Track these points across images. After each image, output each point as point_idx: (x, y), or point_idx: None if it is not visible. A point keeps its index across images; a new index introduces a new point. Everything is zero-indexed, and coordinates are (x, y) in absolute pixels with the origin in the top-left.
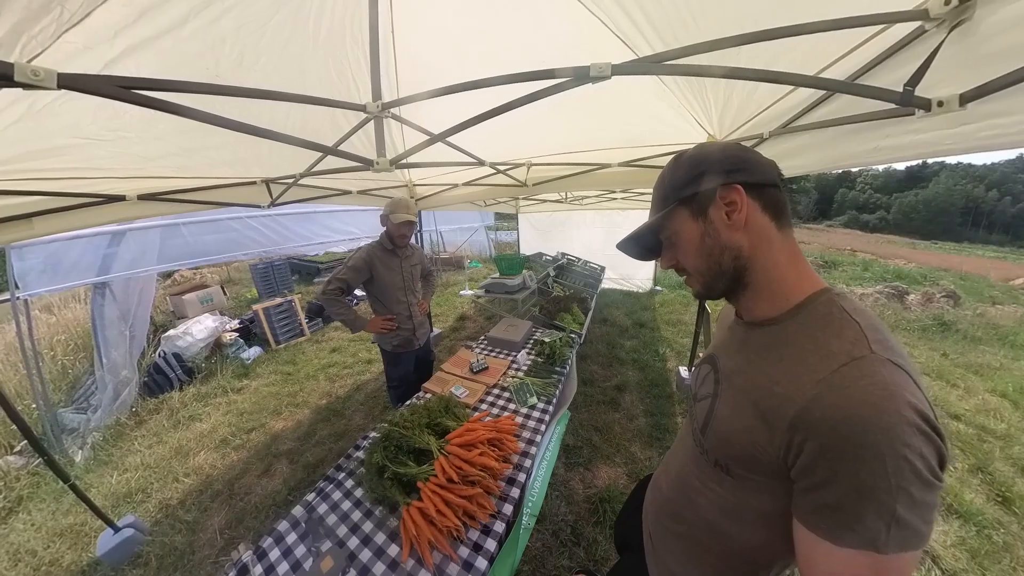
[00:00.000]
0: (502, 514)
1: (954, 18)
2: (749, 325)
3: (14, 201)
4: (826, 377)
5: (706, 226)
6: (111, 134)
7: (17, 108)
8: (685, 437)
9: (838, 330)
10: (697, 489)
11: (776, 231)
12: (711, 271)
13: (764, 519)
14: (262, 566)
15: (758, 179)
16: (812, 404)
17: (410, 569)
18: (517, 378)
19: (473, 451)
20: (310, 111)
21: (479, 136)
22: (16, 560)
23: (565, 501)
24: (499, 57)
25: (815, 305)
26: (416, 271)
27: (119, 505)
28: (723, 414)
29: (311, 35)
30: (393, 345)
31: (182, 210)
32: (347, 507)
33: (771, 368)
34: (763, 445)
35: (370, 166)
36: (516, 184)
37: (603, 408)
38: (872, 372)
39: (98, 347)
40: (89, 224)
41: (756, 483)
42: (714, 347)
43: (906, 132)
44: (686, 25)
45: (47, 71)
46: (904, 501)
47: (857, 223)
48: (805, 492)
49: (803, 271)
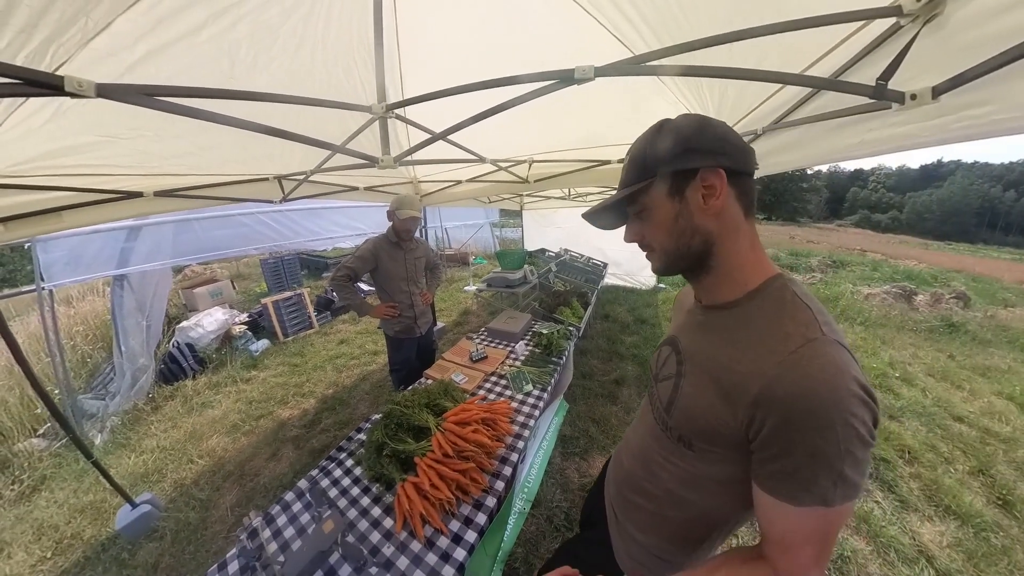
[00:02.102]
0: (494, 490)
1: (927, 13)
2: (708, 308)
3: (46, 196)
4: (785, 358)
5: (681, 206)
6: (131, 132)
7: (48, 109)
8: (645, 415)
9: (792, 313)
10: (659, 463)
11: (743, 220)
12: (677, 251)
13: (722, 486)
14: (270, 530)
15: (740, 167)
16: (774, 383)
17: (403, 539)
18: (514, 367)
19: (467, 428)
20: (319, 112)
21: (481, 134)
22: (40, 534)
23: (560, 488)
24: (498, 57)
25: (770, 290)
26: (420, 264)
27: (136, 484)
28: (687, 392)
29: (320, 40)
30: (395, 331)
31: (196, 206)
32: (347, 483)
33: (732, 348)
34: (726, 420)
35: (375, 163)
36: (518, 181)
37: (601, 401)
38: (823, 352)
39: (117, 336)
40: (110, 218)
41: (716, 455)
42: (675, 329)
43: (886, 125)
44: (678, 23)
45: (88, 83)
46: (849, 462)
47: (869, 223)
48: (765, 462)
49: (760, 258)
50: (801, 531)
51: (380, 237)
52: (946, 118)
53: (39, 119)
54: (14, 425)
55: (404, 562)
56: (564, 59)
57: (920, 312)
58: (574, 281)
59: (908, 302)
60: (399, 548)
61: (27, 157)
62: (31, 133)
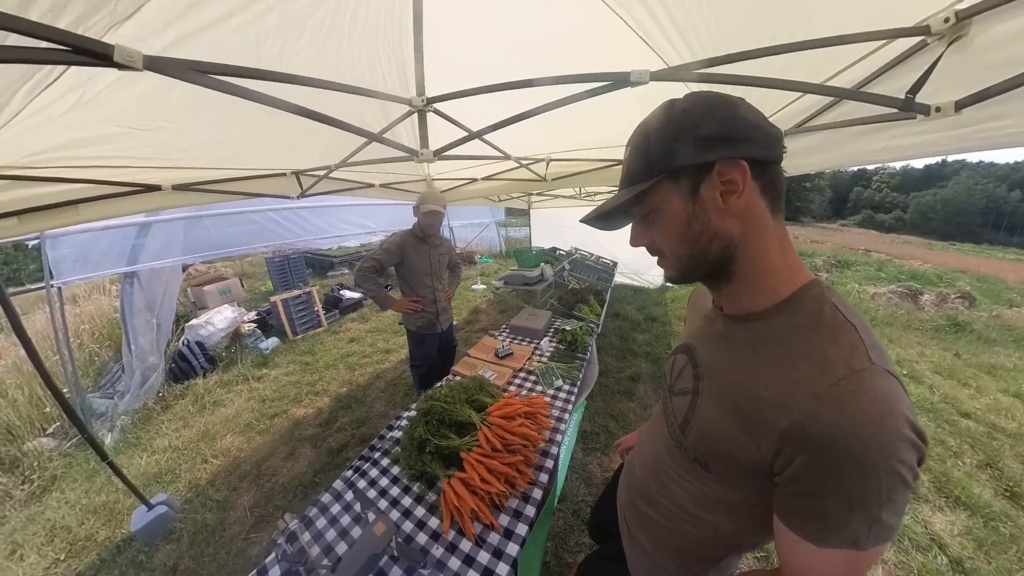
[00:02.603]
0: (539, 482)
1: (952, 34)
2: (730, 318)
3: (62, 188)
4: (824, 391)
5: (695, 208)
6: (151, 123)
7: (71, 97)
8: (659, 425)
9: (833, 334)
10: (674, 480)
11: (771, 217)
12: (693, 259)
13: (741, 509)
14: (310, 533)
15: (765, 154)
16: (808, 419)
17: (451, 539)
18: (542, 363)
19: (513, 422)
20: (342, 106)
21: (505, 131)
22: (52, 536)
23: (584, 483)
24: (524, 57)
25: (804, 300)
26: (444, 260)
27: (150, 485)
28: (706, 414)
29: (346, 33)
30: (417, 326)
31: (213, 200)
32: (385, 483)
33: (758, 370)
34: (747, 449)
35: (415, 156)
36: (536, 179)
37: (618, 397)
38: (872, 386)
39: (127, 334)
40: (128, 212)
41: (735, 478)
42: (690, 336)
43: (910, 134)
44: (710, 32)
45: (136, 53)
46: (889, 508)
47: (872, 223)
48: (791, 497)
49: (792, 262)
50: (825, 570)
51: (407, 232)
52: (966, 129)
53: (59, 108)
54: (23, 424)
55: (456, 563)
56: (590, 62)
57: (926, 311)
58: (588, 279)
59: (914, 302)
60: (449, 549)
61: (44, 147)
62: (49, 122)
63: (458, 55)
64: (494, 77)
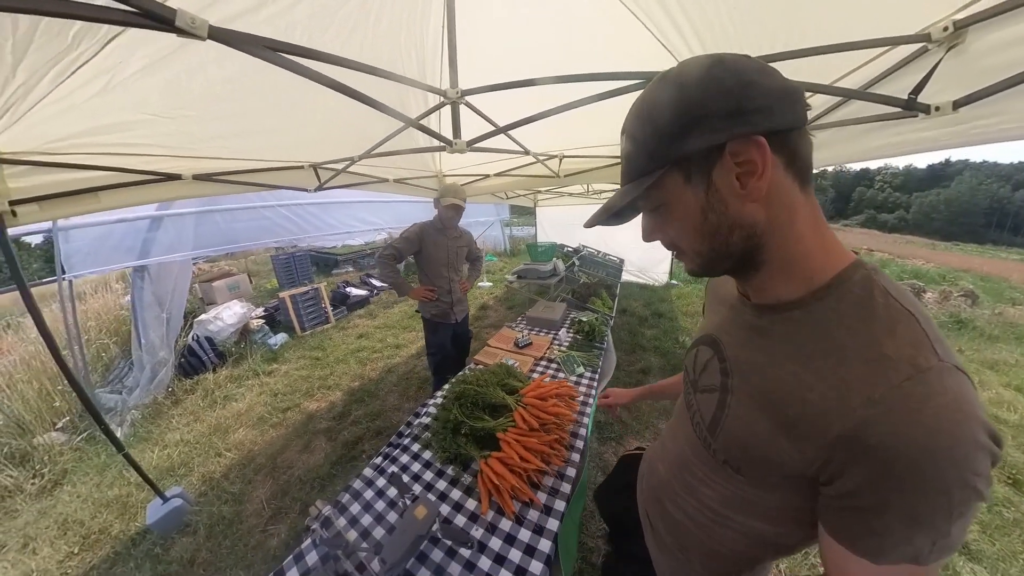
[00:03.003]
0: (572, 461)
1: (951, 41)
2: (761, 308)
3: (84, 175)
4: (885, 395)
5: (708, 197)
6: (174, 112)
7: (97, 83)
8: (683, 423)
9: (889, 325)
10: (701, 480)
11: (800, 193)
12: (714, 253)
13: (778, 512)
14: (344, 519)
15: (785, 122)
16: (866, 427)
17: (491, 519)
18: (562, 351)
19: (547, 402)
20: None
21: (523, 128)
22: (64, 529)
23: (601, 472)
24: (544, 57)
25: (849, 285)
26: (462, 252)
27: (163, 478)
28: (738, 414)
29: (371, 27)
30: (432, 314)
31: (231, 191)
32: (417, 468)
33: (800, 368)
34: (789, 453)
35: (449, 145)
36: (549, 175)
37: None
38: (943, 389)
39: (137, 329)
40: (148, 200)
41: (772, 483)
42: (714, 327)
43: (912, 131)
44: (727, 36)
45: (201, 21)
46: (959, 524)
47: (875, 223)
48: (843, 510)
49: (829, 241)
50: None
51: (427, 222)
52: (962, 126)
53: (85, 93)
54: (33, 419)
55: (497, 543)
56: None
57: (929, 309)
58: (597, 275)
59: (918, 299)
60: (488, 529)
61: (67, 133)
62: (73, 108)
63: (482, 52)
64: (514, 75)
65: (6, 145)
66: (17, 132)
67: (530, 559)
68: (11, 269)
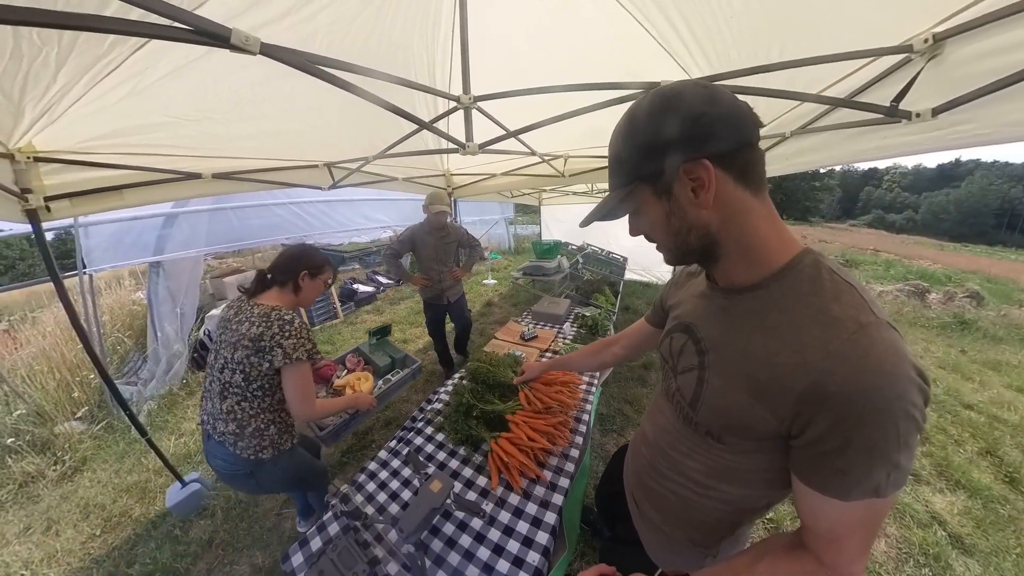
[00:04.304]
0: (576, 442)
1: (931, 52)
2: (728, 292)
3: (109, 173)
4: (837, 348)
5: (671, 204)
6: (199, 114)
7: (125, 87)
8: (663, 405)
9: (835, 294)
10: (685, 454)
11: (752, 197)
12: (679, 248)
13: (755, 474)
14: (362, 495)
15: (729, 146)
16: (825, 377)
17: (500, 494)
18: (566, 344)
19: (552, 388)
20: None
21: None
22: (87, 513)
23: (602, 461)
24: (553, 64)
25: (800, 267)
26: (451, 248)
27: (180, 465)
28: (716, 387)
29: (386, 33)
30: (426, 297)
31: (250, 189)
32: (431, 449)
33: (766, 337)
34: (763, 416)
35: (462, 148)
36: (554, 175)
37: (632, 384)
38: (880, 339)
39: (153, 322)
40: (169, 198)
41: (748, 447)
42: (687, 314)
43: (896, 135)
44: (725, 44)
45: (254, 39)
46: (905, 452)
47: (883, 223)
48: (813, 458)
49: (782, 234)
50: (849, 522)
51: (417, 225)
52: (941, 131)
53: (114, 96)
54: (53, 408)
55: (506, 516)
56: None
57: (933, 309)
58: (601, 272)
59: (921, 299)
60: (498, 504)
61: (98, 134)
62: (104, 110)
63: (490, 59)
64: (522, 81)
65: (43, 144)
66: (53, 132)
67: (536, 530)
68: (46, 262)
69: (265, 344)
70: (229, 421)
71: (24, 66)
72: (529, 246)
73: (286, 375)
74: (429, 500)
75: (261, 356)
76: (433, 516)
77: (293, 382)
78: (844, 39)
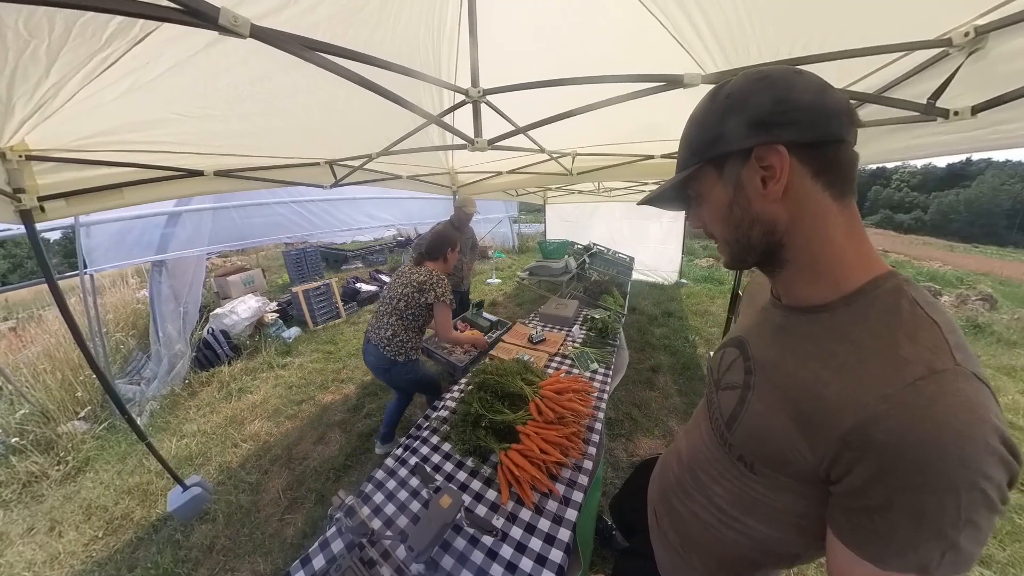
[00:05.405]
0: (589, 454)
1: (972, 46)
2: (790, 310)
3: (107, 172)
4: (897, 392)
5: (735, 192)
6: (199, 111)
7: (124, 83)
8: (701, 422)
9: (912, 330)
10: (713, 477)
11: (832, 201)
12: (738, 243)
13: (786, 515)
14: (368, 508)
15: (811, 137)
16: (875, 421)
17: (511, 509)
18: (576, 348)
19: (563, 396)
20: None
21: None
22: (89, 514)
23: (611, 467)
24: (562, 58)
25: (879, 293)
26: (468, 243)
27: (181, 467)
28: (757, 410)
29: (391, 27)
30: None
31: (251, 187)
32: (438, 459)
33: (820, 366)
34: (800, 451)
35: (471, 144)
36: (561, 173)
37: (640, 387)
38: (956, 390)
39: (155, 322)
40: (170, 196)
41: (782, 483)
42: (743, 329)
43: (930, 134)
44: (746, 41)
45: (243, 19)
46: (968, 532)
47: (891, 223)
48: (850, 510)
49: (863, 250)
50: None
51: (446, 222)
52: (981, 131)
53: (112, 93)
54: (56, 408)
55: (518, 532)
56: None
57: None
58: (608, 272)
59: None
60: (509, 519)
61: (96, 131)
62: (101, 107)
63: (499, 52)
64: (531, 75)
65: (37, 142)
66: (47, 129)
67: (550, 547)
68: (40, 263)
69: (426, 287)
70: (386, 329)
71: (11, 60)
72: (533, 245)
73: (437, 310)
74: (440, 516)
75: (421, 293)
76: (444, 532)
77: (440, 315)
78: (875, 32)
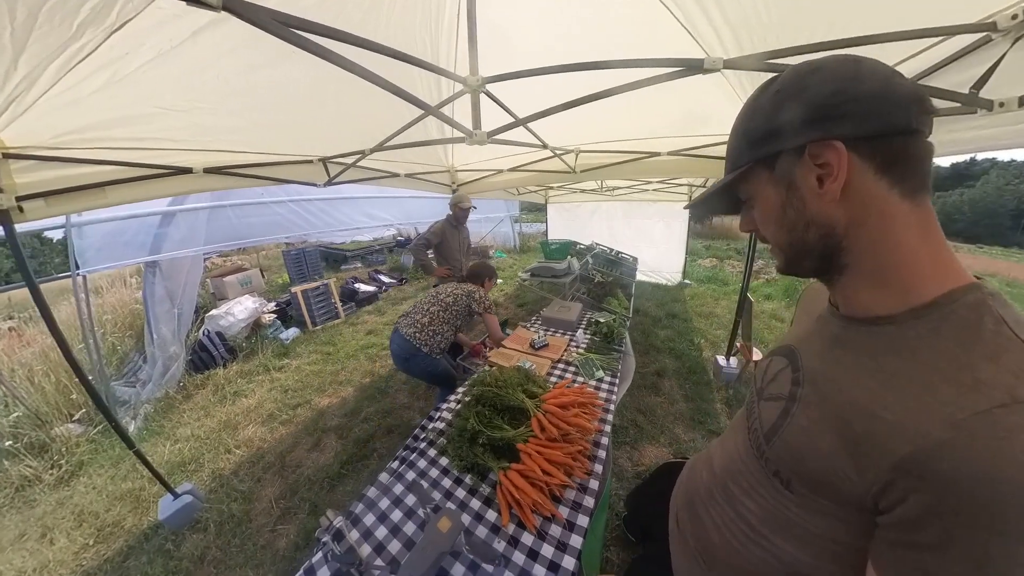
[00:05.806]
0: (595, 472)
1: (1019, 31)
2: (849, 320)
3: (89, 170)
4: (969, 419)
5: (789, 193)
6: (187, 104)
7: (101, 76)
8: (738, 432)
9: (994, 351)
10: (744, 491)
11: (901, 199)
12: (793, 247)
13: (819, 541)
14: (358, 531)
15: (872, 129)
16: (940, 450)
17: (512, 532)
18: (580, 354)
19: (568, 411)
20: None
21: (540, 121)
22: (80, 520)
23: (616, 477)
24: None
25: (956, 307)
26: (466, 241)
27: (174, 473)
28: (801, 425)
29: (385, 14)
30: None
31: (243, 185)
32: (435, 474)
33: (878, 384)
34: (846, 474)
35: (469, 136)
36: (564, 170)
37: (645, 392)
38: None
39: (149, 323)
40: (157, 195)
41: (820, 505)
42: (795, 338)
43: (969, 128)
44: (764, 29)
45: None
46: None
47: None
48: (897, 545)
49: (941, 256)
50: None
51: (444, 221)
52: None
53: (91, 86)
54: (50, 410)
55: (520, 557)
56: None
57: None
58: (612, 273)
59: None
60: (511, 543)
61: (76, 127)
62: (80, 101)
63: (499, 39)
64: (532, 63)
65: (12, 139)
66: (23, 125)
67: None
68: (19, 266)
69: (475, 298)
70: (424, 316)
71: None
72: (534, 245)
73: (487, 318)
74: (437, 542)
75: (470, 300)
76: (440, 561)
77: (490, 320)
78: (909, 15)
